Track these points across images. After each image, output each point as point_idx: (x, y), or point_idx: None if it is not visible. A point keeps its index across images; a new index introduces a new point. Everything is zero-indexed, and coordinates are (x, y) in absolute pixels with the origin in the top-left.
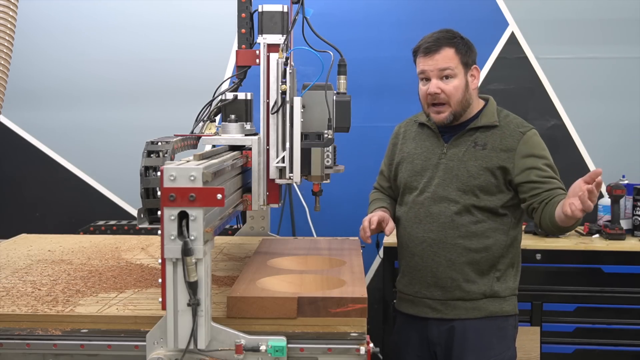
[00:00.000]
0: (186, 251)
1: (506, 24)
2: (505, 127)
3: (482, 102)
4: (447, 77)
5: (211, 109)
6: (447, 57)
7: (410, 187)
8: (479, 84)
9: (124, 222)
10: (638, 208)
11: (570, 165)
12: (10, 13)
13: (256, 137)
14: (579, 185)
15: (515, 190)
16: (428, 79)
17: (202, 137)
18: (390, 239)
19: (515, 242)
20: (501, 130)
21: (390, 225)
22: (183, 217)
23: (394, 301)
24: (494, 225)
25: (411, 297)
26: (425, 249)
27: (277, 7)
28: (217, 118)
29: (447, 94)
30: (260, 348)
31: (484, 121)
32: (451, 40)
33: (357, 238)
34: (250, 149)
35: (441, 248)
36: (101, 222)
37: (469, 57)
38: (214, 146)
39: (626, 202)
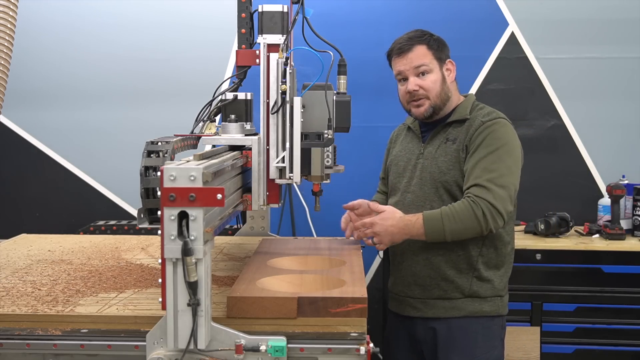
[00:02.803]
0: (186, 251)
1: (506, 24)
2: (474, 119)
3: (462, 99)
4: (423, 73)
5: (211, 109)
6: (420, 54)
7: (394, 188)
8: (480, 84)
9: (124, 222)
10: (638, 208)
11: (570, 165)
12: (10, 13)
13: (256, 137)
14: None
15: None
16: (405, 79)
17: (202, 137)
18: None
19: (500, 243)
20: (469, 122)
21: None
22: (183, 217)
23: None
24: None
25: (396, 296)
26: (405, 248)
27: (277, 7)
28: (217, 118)
29: (426, 89)
30: (260, 348)
31: (455, 116)
32: (421, 38)
33: None
34: (250, 149)
35: (419, 247)
36: (101, 222)
37: (441, 52)
38: (214, 146)
39: (626, 202)
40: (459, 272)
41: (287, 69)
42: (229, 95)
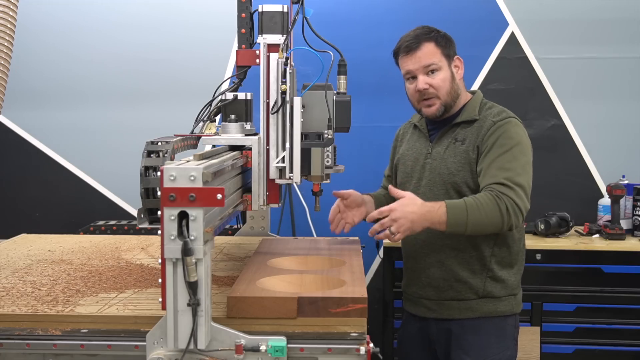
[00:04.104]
0: (186, 251)
1: (506, 24)
2: (483, 119)
3: (469, 96)
4: (432, 71)
5: (211, 109)
6: (428, 52)
7: (403, 188)
8: (480, 84)
9: (124, 222)
10: (638, 208)
11: (570, 165)
12: (10, 13)
13: (256, 137)
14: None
15: None
16: (414, 77)
17: (202, 137)
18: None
19: (511, 241)
20: (479, 123)
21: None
22: (183, 217)
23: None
24: None
25: (410, 297)
26: (417, 250)
27: (277, 7)
28: (217, 118)
29: (436, 87)
30: (260, 348)
31: (464, 116)
32: (429, 35)
33: (357, 238)
34: (250, 149)
35: (431, 249)
36: (101, 222)
37: (449, 49)
38: (214, 146)
39: (626, 202)
40: (473, 273)
41: (287, 69)
42: (229, 95)
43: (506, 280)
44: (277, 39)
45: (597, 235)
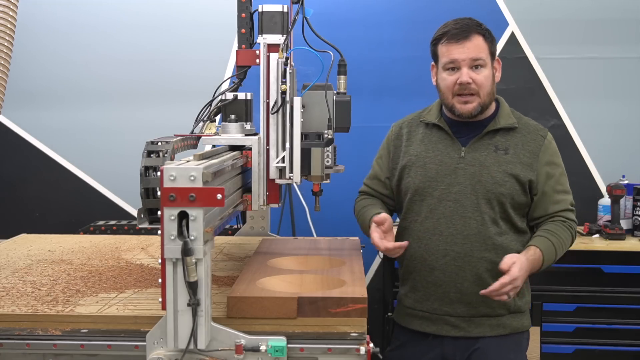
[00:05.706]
0: (186, 251)
1: (506, 24)
2: (525, 129)
3: (494, 102)
4: (477, 66)
5: (211, 109)
6: (478, 45)
7: (422, 193)
8: None
9: (124, 222)
10: (638, 208)
11: (570, 165)
12: (10, 13)
13: (256, 137)
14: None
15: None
16: (456, 69)
17: (202, 137)
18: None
19: None
20: (521, 133)
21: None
22: (183, 217)
23: (389, 314)
24: (515, 236)
25: (427, 315)
26: (449, 262)
27: (277, 7)
28: (217, 118)
29: (478, 84)
30: (260, 348)
31: (502, 123)
32: (480, 28)
33: (357, 238)
34: (250, 149)
35: (466, 262)
36: (101, 222)
37: (494, 47)
38: (214, 146)
39: (626, 202)
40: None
41: (287, 69)
42: (229, 95)
43: (526, 294)
44: (277, 39)
45: (597, 235)
